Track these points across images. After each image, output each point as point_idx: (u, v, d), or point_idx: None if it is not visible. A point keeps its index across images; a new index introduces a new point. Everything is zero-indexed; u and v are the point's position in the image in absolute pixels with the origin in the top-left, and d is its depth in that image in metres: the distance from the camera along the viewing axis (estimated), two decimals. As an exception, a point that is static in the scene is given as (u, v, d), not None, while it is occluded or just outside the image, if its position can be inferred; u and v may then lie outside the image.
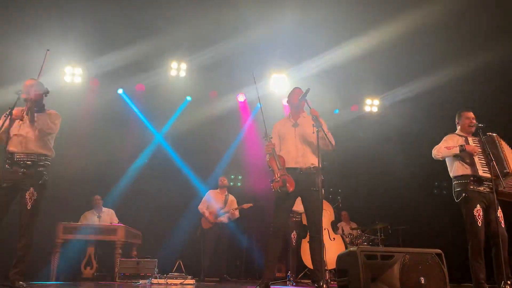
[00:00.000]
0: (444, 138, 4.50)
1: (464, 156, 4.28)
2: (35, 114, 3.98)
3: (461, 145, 4.25)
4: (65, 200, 7.07)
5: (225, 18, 6.56)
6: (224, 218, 7.08)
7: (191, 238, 7.41)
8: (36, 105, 4.00)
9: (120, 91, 8.23)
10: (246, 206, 7.25)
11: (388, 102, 8.67)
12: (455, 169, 4.36)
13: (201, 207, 7.14)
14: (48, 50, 4.16)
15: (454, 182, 4.37)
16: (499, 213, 4.14)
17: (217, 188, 7.39)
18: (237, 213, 7.23)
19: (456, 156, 4.32)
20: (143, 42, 7.04)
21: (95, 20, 6.74)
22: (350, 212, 8.23)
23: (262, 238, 7.59)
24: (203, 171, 8.26)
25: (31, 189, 3.86)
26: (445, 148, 4.33)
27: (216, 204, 7.13)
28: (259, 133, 8.40)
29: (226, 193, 7.35)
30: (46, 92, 4.07)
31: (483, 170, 4.19)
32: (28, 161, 3.90)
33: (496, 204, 4.12)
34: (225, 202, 7.20)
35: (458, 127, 4.57)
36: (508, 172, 4.16)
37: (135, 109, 8.35)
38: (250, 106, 8.84)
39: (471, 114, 4.49)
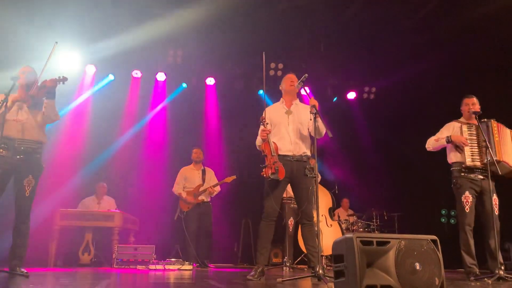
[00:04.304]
0: (443, 127, 4.59)
1: (454, 145, 4.40)
2: (45, 101, 3.97)
3: (448, 136, 4.38)
4: (63, 186, 7.09)
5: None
6: (204, 197, 6.58)
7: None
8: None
9: (111, 77, 8.18)
10: (229, 179, 6.59)
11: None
12: (450, 157, 4.51)
13: (177, 189, 6.60)
14: (56, 42, 4.07)
15: (451, 169, 4.48)
16: (493, 200, 4.20)
17: (190, 164, 6.79)
18: (218, 188, 6.66)
19: (452, 144, 4.38)
20: (140, 28, 6.99)
21: (92, 4, 6.67)
22: (348, 199, 8.29)
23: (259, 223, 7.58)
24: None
25: (30, 176, 3.85)
26: (434, 140, 4.51)
27: (193, 182, 6.59)
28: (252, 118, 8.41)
29: (202, 167, 6.76)
30: (63, 80, 3.96)
31: (472, 158, 4.28)
32: (28, 148, 3.87)
33: (491, 190, 4.18)
34: (203, 178, 6.65)
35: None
36: (497, 160, 4.20)
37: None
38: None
39: (470, 100, 4.51)
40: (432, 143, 4.52)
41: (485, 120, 4.40)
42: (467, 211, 4.23)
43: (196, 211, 6.53)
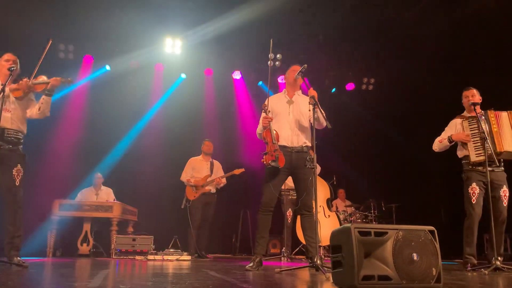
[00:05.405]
0: (447, 126, 4.61)
1: (459, 142, 4.42)
2: (43, 97, 3.97)
3: (449, 137, 4.43)
4: (61, 176, 7.09)
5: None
6: (211, 187, 6.66)
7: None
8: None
9: (107, 67, 8.12)
10: (237, 171, 6.64)
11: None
12: (459, 152, 4.53)
13: (185, 177, 6.67)
14: (51, 39, 4.06)
15: (462, 162, 4.50)
16: (503, 192, 4.21)
17: (199, 155, 6.89)
18: (224, 180, 6.74)
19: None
20: (137, 17, 6.94)
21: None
22: (344, 189, 8.30)
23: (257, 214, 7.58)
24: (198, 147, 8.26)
25: (19, 165, 3.85)
26: (438, 141, 4.55)
27: (201, 172, 6.67)
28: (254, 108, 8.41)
29: (211, 159, 6.86)
30: (68, 82, 3.99)
31: (476, 154, 4.28)
32: (15, 138, 3.88)
33: (500, 182, 4.21)
34: (211, 169, 6.74)
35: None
36: (499, 152, 4.19)
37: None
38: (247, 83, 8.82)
39: (469, 92, 4.50)
40: (437, 145, 4.55)
41: (482, 111, 4.36)
42: (474, 202, 4.24)
43: (201, 200, 6.60)
